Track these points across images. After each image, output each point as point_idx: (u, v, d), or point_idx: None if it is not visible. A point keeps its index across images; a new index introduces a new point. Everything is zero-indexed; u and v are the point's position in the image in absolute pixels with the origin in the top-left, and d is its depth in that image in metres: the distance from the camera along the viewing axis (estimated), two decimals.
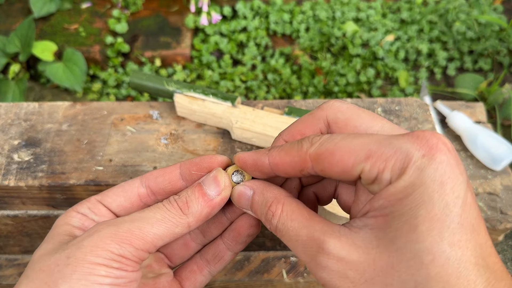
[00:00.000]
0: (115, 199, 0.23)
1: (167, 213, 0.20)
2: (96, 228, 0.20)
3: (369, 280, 0.16)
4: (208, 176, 0.22)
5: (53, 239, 0.21)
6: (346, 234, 0.18)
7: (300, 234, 0.19)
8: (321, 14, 1.23)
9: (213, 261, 0.25)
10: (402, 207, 0.16)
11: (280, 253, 0.44)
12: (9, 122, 0.38)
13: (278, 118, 0.35)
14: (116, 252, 0.19)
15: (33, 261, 0.21)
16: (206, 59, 1.17)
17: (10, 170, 0.35)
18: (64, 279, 0.18)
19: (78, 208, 0.23)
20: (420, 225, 0.16)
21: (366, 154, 0.17)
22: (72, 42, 1.16)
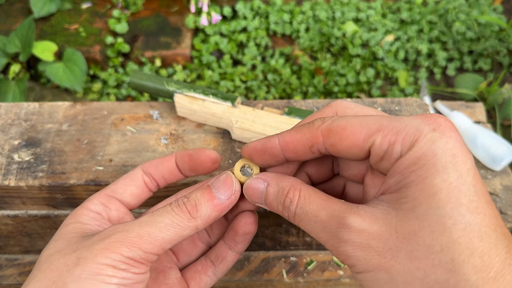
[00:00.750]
0: (126, 189, 0.24)
1: (176, 218, 0.21)
2: (107, 233, 0.20)
3: (393, 248, 0.16)
4: (218, 180, 0.22)
5: (62, 238, 0.21)
6: (364, 209, 0.18)
7: (319, 215, 0.19)
8: (321, 14, 1.23)
9: (216, 261, 0.25)
10: (417, 177, 0.17)
11: (280, 253, 0.44)
12: (9, 122, 0.38)
13: (278, 118, 0.35)
14: (125, 254, 0.19)
15: (41, 260, 0.21)
16: (206, 59, 1.18)
17: (10, 170, 0.35)
18: (73, 278, 0.19)
19: (89, 205, 0.23)
20: (438, 193, 0.16)
21: (377, 128, 0.18)
22: (72, 42, 1.16)
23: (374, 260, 0.17)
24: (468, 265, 0.15)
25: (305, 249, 0.44)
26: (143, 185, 0.25)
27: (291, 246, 0.44)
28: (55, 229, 0.40)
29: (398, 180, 0.18)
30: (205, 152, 0.25)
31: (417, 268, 0.16)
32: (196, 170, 0.25)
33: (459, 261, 0.15)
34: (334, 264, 0.44)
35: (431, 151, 0.17)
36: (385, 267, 0.17)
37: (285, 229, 0.41)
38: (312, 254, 0.45)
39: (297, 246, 0.44)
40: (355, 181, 0.23)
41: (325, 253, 0.44)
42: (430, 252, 0.16)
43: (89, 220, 0.22)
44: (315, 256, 0.44)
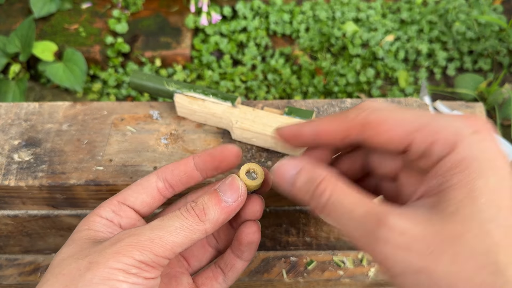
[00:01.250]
0: (137, 197, 0.24)
1: (185, 221, 0.21)
2: (118, 238, 0.20)
3: (436, 251, 0.16)
4: (224, 183, 0.22)
5: (74, 243, 0.22)
6: (406, 210, 0.18)
7: (356, 210, 0.18)
8: (321, 14, 1.23)
9: (225, 268, 0.26)
10: (459, 180, 0.17)
11: (280, 253, 0.44)
12: (9, 122, 0.38)
13: (278, 118, 0.35)
14: (137, 258, 0.19)
15: (53, 265, 0.21)
16: (206, 59, 1.18)
17: (10, 170, 0.35)
18: (84, 283, 0.19)
19: (101, 212, 0.23)
20: (480, 196, 0.16)
21: (417, 126, 0.18)
22: (72, 42, 1.16)
23: (415, 263, 0.16)
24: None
25: (305, 249, 0.44)
26: (155, 193, 0.24)
27: (291, 246, 0.44)
28: (55, 229, 0.40)
29: (439, 183, 0.17)
30: (228, 149, 0.24)
31: (461, 270, 0.16)
32: (219, 168, 0.25)
33: (503, 263, 0.16)
34: (334, 264, 0.44)
35: (473, 154, 0.17)
36: (427, 271, 0.16)
37: (285, 229, 0.41)
38: (312, 254, 0.45)
39: (297, 246, 0.44)
40: (389, 179, 0.22)
41: (325, 253, 0.45)
42: (475, 255, 0.16)
43: (100, 227, 0.22)
44: (315, 256, 0.44)
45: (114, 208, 0.23)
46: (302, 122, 0.22)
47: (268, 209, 0.38)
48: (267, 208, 0.38)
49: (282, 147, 0.35)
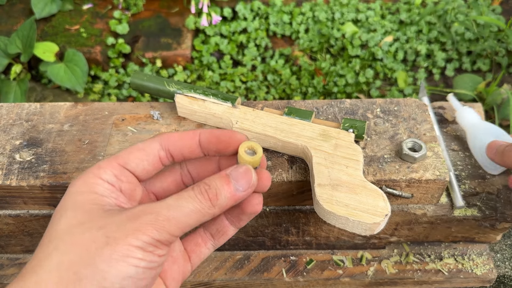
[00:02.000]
0: (139, 163, 0.23)
1: (199, 205, 0.21)
2: (136, 214, 0.20)
3: None
4: (237, 171, 0.23)
5: (80, 209, 0.21)
6: None
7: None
8: (321, 15, 1.24)
9: (216, 235, 0.26)
10: None
11: (280, 253, 0.45)
12: (11, 122, 0.39)
13: (278, 119, 0.36)
14: (154, 237, 0.20)
15: (60, 230, 0.20)
16: (206, 60, 1.18)
17: (11, 170, 0.35)
18: (103, 258, 0.19)
19: (102, 174, 0.22)
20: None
21: None
22: (73, 43, 1.17)
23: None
24: None
25: (304, 248, 0.45)
26: (156, 161, 0.24)
27: (291, 246, 0.44)
28: None
29: None
30: (237, 137, 0.24)
31: None
32: (221, 152, 0.25)
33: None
34: (334, 263, 0.44)
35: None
36: None
37: (285, 229, 0.41)
38: (311, 253, 0.45)
39: (296, 246, 0.44)
40: None
41: (324, 252, 0.45)
42: None
43: (104, 191, 0.22)
44: (315, 255, 0.45)
45: (116, 172, 0.23)
46: None
47: (268, 209, 0.39)
48: (267, 208, 0.38)
49: (282, 147, 0.35)
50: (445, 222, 0.40)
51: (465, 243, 0.44)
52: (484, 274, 0.43)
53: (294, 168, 0.35)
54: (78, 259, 0.19)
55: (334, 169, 0.32)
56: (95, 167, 0.23)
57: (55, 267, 0.19)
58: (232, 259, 0.44)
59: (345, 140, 0.34)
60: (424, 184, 0.35)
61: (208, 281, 0.44)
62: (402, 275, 0.43)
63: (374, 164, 0.35)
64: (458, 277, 0.43)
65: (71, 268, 0.19)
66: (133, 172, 0.23)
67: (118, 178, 0.23)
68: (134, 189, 0.24)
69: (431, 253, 0.44)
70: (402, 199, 0.36)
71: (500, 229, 0.40)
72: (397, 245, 0.44)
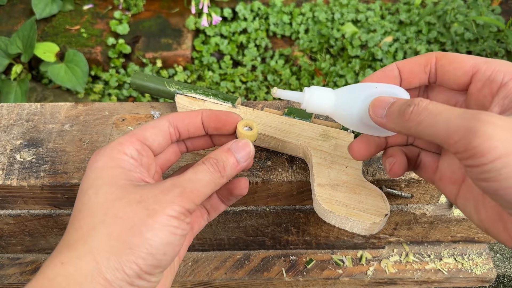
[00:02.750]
0: (155, 139, 0.26)
1: (213, 176, 0.24)
2: (168, 188, 0.22)
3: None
4: (238, 145, 0.26)
5: (115, 184, 0.23)
6: (499, 116, 0.19)
7: (451, 112, 0.20)
8: (321, 15, 1.24)
9: (211, 209, 0.30)
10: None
11: (280, 252, 0.45)
12: (11, 122, 0.39)
13: (278, 119, 0.36)
14: (186, 207, 0.22)
15: (101, 204, 0.22)
16: (206, 60, 1.18)
17: (12, 170, 0.35)
18: (147, 227, 0.21)
19: (125, 149, 0.24)
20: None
21: (483, 61, 0.23)
22: (74, 43, 1.17)
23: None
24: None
25: (304, 248, 0.45)
26: (168, 137, 0.26)
27: (291, 245, 0.44)
28: (57, 229, 0.41)
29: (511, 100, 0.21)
30: (232, 116, 0.27)
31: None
32: (219, 130, 0.28)
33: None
34: (333, 263, 0.44)
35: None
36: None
37: (285, 229, 0.42)
38: (311, 253, 0.45)
39: (296, 245, 0.44)
40: (433, 147, 0.26)
41: (324, 252, 0.45)
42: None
43: (130, 166, 0.24)
44: (315, 255, 0.45)
45: (138, 147, 0.25)
46: (386, 66, 0.26)
47: (268, 208, 0.39)
48: (267, 207, 0.39)
49: (282, 147, 0.35)
50: (444, 222, 0.40)
51: (465, 242, 0.44)
52: (483, 273, 0.43)
53: (294, 168, 0.35)
54: (126, 230, 0.21)
55: (334, 169, 0.32)
56: (116, 143, 0.24)
57: (105, 238, 0.21)
58: (232, 258, 0.45)
59: (345, 140, 0.34)
60: (423, 184, 0.35)
61: (208, 281, 0.44)
62: (401, 275, 0.43)
63: (373, 164, 0.35)
64: (458, 276, 0.43)
65: (120, 237, 0.21)
66: (150, 147, 0.25)
67: (140, 153, 0.25)
68: (151, 164, 0.26)
69: (430, 252, 0.44)
70: (402, 199, 0.36)
71: None
72: (397, 244, 0.44)
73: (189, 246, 0.44)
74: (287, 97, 0.26)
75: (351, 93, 0.26)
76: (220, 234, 0.42)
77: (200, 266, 0.44)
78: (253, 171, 0.35)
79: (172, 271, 0.27)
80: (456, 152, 0.19)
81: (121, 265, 0.20)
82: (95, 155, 0.25)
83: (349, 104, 0.26)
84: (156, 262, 0.21)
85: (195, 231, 0.29)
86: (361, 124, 0.26)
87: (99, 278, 0.20)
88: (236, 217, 0.40)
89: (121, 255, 0.21)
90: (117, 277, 0.20)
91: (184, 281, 0.44)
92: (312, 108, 0.26)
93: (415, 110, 0.21)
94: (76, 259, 0.20)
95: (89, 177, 0.23)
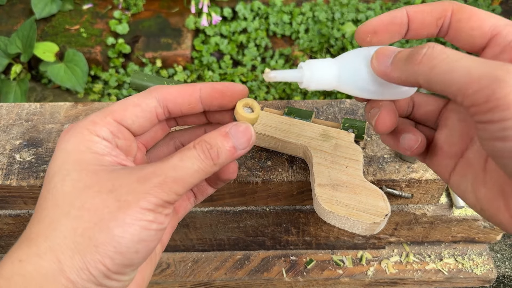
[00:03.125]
0: (135, 120, 0.22)
1: (203, 164, 0.21)
2: (144, 176, 0.20)
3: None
4: (238, 129, 0.22)
5: (85, 170, 0.20)
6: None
7: (467, 58, 0.17)
8: (321, 15, 1.24)
9: (198, 193, 0.27)
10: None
11: (280, 252, 0.45)
12: (11, 122, 0.39)
13: (278, 119, 0.36)
14: (164, 199, 0.20)
15: (67, 194, 0.19)
16: (206, 60, 1.18)
17: (11, 170, 0.35)
18: (117, 222, 0.19)
19: (98, 131, 0.21)
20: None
21: (504, 23, 0.20)
22: (73, 43, 1.17)
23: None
24: None
25: (304, 248, 0.45)
26: (153, 118, 0.23)
27: (291, 246, 0.44)
28: None
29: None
30: (238, 87, 0.23)
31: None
32: (225, 107, 0.24)
33: None
34: (334, 263, 0.44)
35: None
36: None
37: (285, 229, 0.41)
38: (311, 253, 0.45)
39: (296, 246, 0.44)
40: (432, 117, 0.23)
41: (324, 252, 0.45)
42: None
43: (103, 150, 0.21)
44: (315, 255, 0.45)
45: (112, 129, 0.22)
46: (393, 10, 0.22)
47: (268, 208, 0.39)
48: (267, 207, 0.39)
49: (282, 147, 0.35)
50: (444, 222, 0.40)
51: (465, 243, 0.44)
52: (484, 274, 0.43)
53: (294, 168, 0.35)
54: (92, 225, 0.19)
55: (334, 169, 0.32)
56: (89, 122, 0.21)
57: (69, 233, 0.19)
58: (232, 259, 0.45)
59: (345, 140, 0.34)
60: (424, 184, 0.35)
61: (208, 281, 0.44)
62: (402, 275, 0.43)
63: (374, 164, 0.35)
64: (458, 277, 0.43)
65: (86, 233, 0.18)
66: (129, 129, 0.23)
67: (115, 135, 0.22)
68: (130, 145, 0.23)
69: (431, 253, 0.44)
70: (402, 199, 0.36)
71: (500, 229, 0.40)
72: (397, 245, 0.44)
73: (189, 246, 0.44)
74: (282, 78, 0.23)
75: (356, 56, 0.23)
76: (220, 234, 0.42)
77: (200, 267, 0.44)
78: (253, 171, 0.34)
79: (153, 261, 0.24)
80: (472, 104, 0.16)
81: (86, 265, 0.18)
82: (65, 132, 0.22)
83: (356, 67, 0.22)
84: (126, 261, 0.19)
85: (180, 215, 0.27)
86: (374, 86, 0.22)
87: (61, 278, 0.18)
88: (236, 217, 0.40)
89: (86, 254, 0.18)
90: (82, 278, 0.18)
91: (184, 281, 0.44)
92: (315, 85, 0.23)
93: (429, 53, 0.18)
94: (36, 256, 0.18)
95: (57, 159, 0.21)
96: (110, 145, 0.21)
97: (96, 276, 0.18)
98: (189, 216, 0.39)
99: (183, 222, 0.40)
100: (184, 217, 0.39)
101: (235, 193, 0.36)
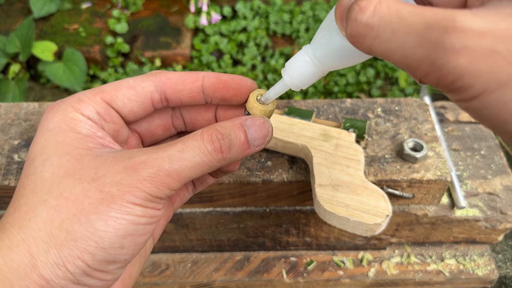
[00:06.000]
0: (127, 103, 0.20)
1: (207, 157, 0.18)
2: (133, 166, 0.17)
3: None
4: (255, 123, 0.20)
5: (67, 154, 0.18)
6: (482, 9, 0.13)
7: (412, 22, 0.14)
8: (321, 14, 1.23)
9: (197, 182, 0.25)
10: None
11: (280, 253, 0.44)
12: (9, 122, 0.38)
13: (278, 118, 0.35)
14: (154, 194, 0.18)
15: (46, 180, 0.17)
16: (206, 59, 1.18)
17: (10, 170, 0.35)
18: (99, 215, 0.17)
19: (83, 109, 0.19)
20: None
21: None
22: (72, 42, 1.16)
23: (502, 73, 0.12)
24: None
25: (305, 249, 0.44)
26: (147, 105, 0.21)
27: (291, 246, 0.44)
28: None
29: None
30: (246, 82, 0.21)
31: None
32: (227, 100, 0.21)
33: None
34: (334, 264, 0.44)
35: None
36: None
37: (285, 229, 0.41)
38: (312, 254, 0.45)
39: (297, 246, 0.44)
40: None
41: (325, 253, 0.44)
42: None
43: (88, 130, 0.19)
44: (315, 256, 0.44)
45: (99, 109, 0.19)
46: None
47: (268, 209, 0.38)
48: (267, 208, 0.38)
49: (282, 147, 0.35)
50: (446, 223, 0.40)
51: (467, 243, 0.44)
52: (485, 275, 0.42)
53: (294, 169, 0.35)
54: (71, 216, 0.17)
55: (335, 169, 0.31)
56: (75, 99, 0.19)
57: (44, 224, 0.17)
58: (232, 260, 0.44)
59: (345, 140, 0.34)
60: (425, 184, 0.34)
61: (207, 282, 0.43)
62: (403, 276, 0.42)
63: (375, 164, 0.35)
64: (460, 278, 0.42)
65: (64, 225, 0.17)
66: (119, 112, 0.20)
67: (101, 116, 0.20)
68: (119, 130, 0.21)
69: (432, 253, 0.44)
70: (403, 199, 0.36)
71: (502, 229, 0.40)
72: (398, 245, 0.44)
73: (189, 247, 0.44)
74: (275, 95, 0.21)
75: (325, 29, 0.19)
76: (220, 235, 0.42)
77: (200, 268, 0.44)
78: (253, 171, 0.34)
79: (142, 257, 0.22)
80: (434, 85, 0.14)
81: (62, 260, 0.16)
82: (49, 109, 0.19)
83: (331, 44, 0.19)
84: (110, 257, 0.17)
85: (176, 205, 0.24)
86: (349, 51, 0.19)
87: (33, 274, 0.16)
88: (236, 218, 0.39)
89: (62, 248, 0.16)
90: (57, 275, 0.16)
91: (183, 282, 0.43)
92: (302, 83, 0.21)
93: (358, 17, 0.14)
94: (7, 249, 0.16)
95: (39, 141, 0.19)
96: (96, 125, 0.19)
97: (74, 273, 0.16)
98: (189, 217, 0.39)
99: (182, 223, 0.40)
100: (183, 217, 0.39)
101: (235, 193, 0.36)
